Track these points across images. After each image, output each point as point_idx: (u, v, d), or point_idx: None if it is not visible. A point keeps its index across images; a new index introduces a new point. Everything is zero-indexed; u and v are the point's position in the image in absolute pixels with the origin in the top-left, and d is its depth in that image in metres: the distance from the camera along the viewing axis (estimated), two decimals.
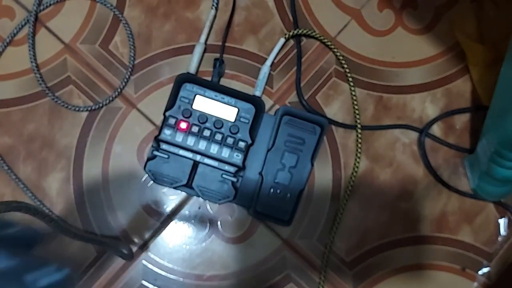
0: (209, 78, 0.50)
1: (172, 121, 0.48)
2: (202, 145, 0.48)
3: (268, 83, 0.51)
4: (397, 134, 0.52)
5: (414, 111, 0.52)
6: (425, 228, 0.51)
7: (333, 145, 0.51)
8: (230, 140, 0.48)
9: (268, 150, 0.49)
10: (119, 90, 0.51)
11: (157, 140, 0.48)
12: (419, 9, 0.54)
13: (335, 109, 0.52)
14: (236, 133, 0.48)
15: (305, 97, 0.51)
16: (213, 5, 0.52)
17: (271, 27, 0.53)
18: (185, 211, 0.50)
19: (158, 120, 0.50)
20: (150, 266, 0.49)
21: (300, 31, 0.51)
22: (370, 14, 0.53)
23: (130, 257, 0.46)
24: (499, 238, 0.51)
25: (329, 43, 0.52)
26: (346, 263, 0.50)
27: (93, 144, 0.50)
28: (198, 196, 0.49)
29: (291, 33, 0.51)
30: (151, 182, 0.50)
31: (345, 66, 0.52)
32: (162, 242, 0.49)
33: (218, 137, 0.48)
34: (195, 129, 0.48)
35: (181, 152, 0.48)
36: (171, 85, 0.49)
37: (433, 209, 0.51)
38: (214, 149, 0.48)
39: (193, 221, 0.50)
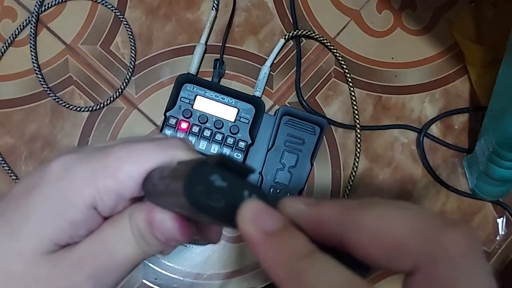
0: (209, 79, 0.51)
1: (172, 121, 0.49)
2: (202, 145, 0.48)
3: (268, 84, 0.52)
4: (396, 134, 0.52)
5: (413, 111, 0.52)
6: None
7: (332, 145, 0.52)
8: (230, 140, 0.49)
9: (268, 150, 0.49)
10: (120, 90, 0.51)
11: None
12: (418, 10, 0.54)
13: (334, 109, 0.52)
14: (236, 133, 0.49)
15: (305, 98, 0.52)
16: (213, 6, 0.52)
17: (271, 28, 0.53)
18: None
19: (159, 120, 0.51)
20: (150, 265, 0.49)
21: (299, 32, 0.52)
22: (369, 15, 0.54)
23: None
24: (498, 238, 0.52)
25: (328, 44, 0.52)
26: None
27: (94, 144, 0.50)
28: None
29: (290, 34, 0.52)
30: None
31: (345, 66, 0.52)
32: None
33: (219, 137, 0.49)
34: (195, 129, 0.49)
35: None
36: (172, 85, 0.50)
37: (431, 209, 0.51)
38: (214, 149, 0.48)
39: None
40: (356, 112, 0.51)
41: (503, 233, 0.52)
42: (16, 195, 0.21)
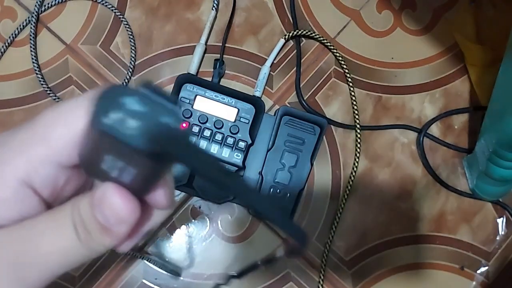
0: (209, 79, 0.50)
1: None
2: (202, 145, 0.48)
3: (268, 84, 0.52)
4: (396, 134, 0.52)
5: (413, 111, 0.52)
6: (423, 227, 0.51)
7: (332, 145, 0.52)
8: (230, 140, 0.49)
9: (268, 150, 0.49)
10: None
11: None
12: (418, 10, 0.54)
13: (334, 109, 0.52)
14: (236, 133, 0.49)
15: (305, 98, 0.52)
16: (213, 6, 0.52)
17: (271, 28, 0.53)
18: (185, 210, 0.50)
19: None
20: (150, 265, 0.49)
21: (299, 32, 0.52)
22: (369, 15, 0.54)
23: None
24: (497, 238, 0.52)
25: (328, 44, 0.52)
26: (345, 262, 0.50)
27: None
28: (199, 195, 0.49)
29: (290, 34, 0.51)
30: None
31: (345, 66, 0.52)
32: (163, 241, 0.50)
33: (218, 137, 0.48)
34: (195, 129, 0.49)
35: None
36: (172, 85, 0.50)
37: (431, 209, 0.51)
38: (214, 149, 0.48)
39: (193, 220, 0.50)
40: (356, 112, 0.51)
41: (503, 233, 0.52)
42: None
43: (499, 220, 0.52)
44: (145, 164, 0.16)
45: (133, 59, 0.51)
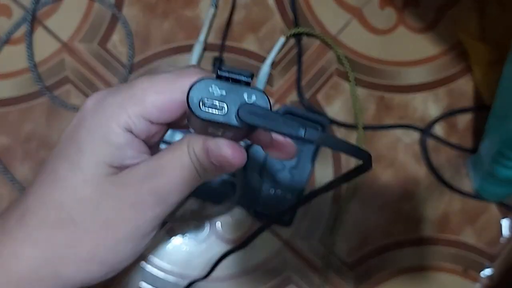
0: None
1: None
2: None
3: (269, 82, 0.51)
4: (399, 134, 0.51)
5: (416, 110, 0.52)
6: (427, 229, 0.50)
7: None
8: None
9: None
10: None
11: None
12: (421, 8, 0.53)
13: (336, 109, 0.51)
14: None
15: (306, 97, 0.51)
16: (212, 3, 0.51)
17: (271, 26, 0.52)
18: (184, 211, 0.49)
19: None
20: (149, 267, 0.49)
21: (300, 30, 0.51)
22: (372, 12, 0.53)
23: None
24: (502, 239, 0.51)
25: (330, 42, 0.51)
26: (347, 264, 0.50)
27: None
28: (198, 197, 0.48)
29: (291, 32, 0.51)
30: None
31: (346, 65, 0.51)
32: (161, 243, 0.49)
33: None
34: None
35: None
36: None
37: (435, 210, 0.51)
38: None
39: (192, 221, 0.49)
40: (358, 111, 0.51)
41: (507, 234, 0.51)
42: (67, 137, 0.24)
43: (503, 221, 0.51)
44: (240, 130, 0.22)
45: (130, 57, 0.51)
